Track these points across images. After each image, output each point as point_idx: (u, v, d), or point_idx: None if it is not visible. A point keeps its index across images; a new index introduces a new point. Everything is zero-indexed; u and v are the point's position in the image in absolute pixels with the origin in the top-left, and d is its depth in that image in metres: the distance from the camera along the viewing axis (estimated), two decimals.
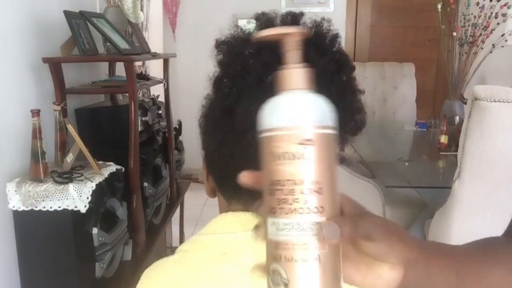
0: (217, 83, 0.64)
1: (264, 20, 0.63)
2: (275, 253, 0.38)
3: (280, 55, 0.58)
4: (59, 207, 1.27)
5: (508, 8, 2.73)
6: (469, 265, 0.45)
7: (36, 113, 1.30)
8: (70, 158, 1.38)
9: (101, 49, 1.79)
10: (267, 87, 0.57)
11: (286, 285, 0.37)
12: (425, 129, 3.01)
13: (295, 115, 0.38)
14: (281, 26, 0.39)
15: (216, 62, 0.65)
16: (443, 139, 2.49)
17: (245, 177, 0.41)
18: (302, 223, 0.37)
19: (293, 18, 0.62)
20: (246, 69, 0.60)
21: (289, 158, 0.37)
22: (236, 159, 0.61)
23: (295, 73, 0.40)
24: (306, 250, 0.37)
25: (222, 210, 0.68)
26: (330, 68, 0.60)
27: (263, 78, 0.58)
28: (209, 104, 0.66)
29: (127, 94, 1.74)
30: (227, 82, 0.62)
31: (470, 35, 2.79)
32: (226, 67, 0.63)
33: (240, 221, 0.62)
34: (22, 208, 1.28)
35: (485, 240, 0.50)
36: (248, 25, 0.65)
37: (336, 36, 0.63)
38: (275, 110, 0.39)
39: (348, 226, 0.38)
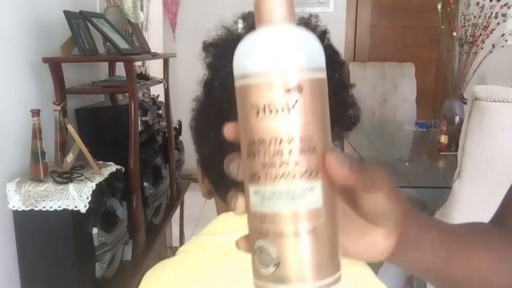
0: (208, 86, 0.63)
1: (252, 20, 0.63)
2: (262, 228, 0.32)
3: None
4: (59, 207, 1.26)
5: (508, 8, 2.73)
6: (460, 244, 0.44)
7: (36, 113, 1.30)
8: (70, 158, 1.38)
9: (101, 49, 1.79)
10: None
11: (277, 265, 0.31)
12: (425, 129, 3.00)
13: (278, 55, 0.30)
14: None
15: (205, 65, 0.64)
16: (443, 139, 2.49)
17: (229, 131, 0.35)
18: (293, 190, 0.31)
19: None
20: None
21: (274, 111, 0.30)
22: None
23: (273, 1, 0.31)
24: (300, 222, 0.31)
25: (220, 211, 0.68)
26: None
27: None
28: (200, 108, 0.65)
29: (127, 94, 1.74)
30: (219, 86, 0.61)
31: (470, 35, 2.79)
32: (217, 70, 0.62)
33: (242, 221, 0.62)
34: (22, 208, 1.28)
35: (474, 224, 0.50)
36: (235, 25, 0.64)
37: (324, 32, 0.62)
38: (252, 50, 0.31)
39: (357, 163, 0.33)
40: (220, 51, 0.63)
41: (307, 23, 0.62)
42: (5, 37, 1.40)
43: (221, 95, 0.60)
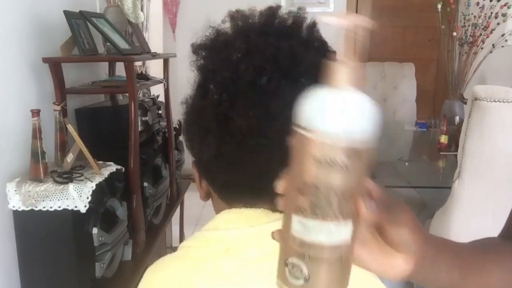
0: (202, 89, 0.62)
1: (240, 19, 0.62)
2: (299, 250, 0.38)
3: (269, 57, 0.57)
4: (59, 207, 1.26)
5: (508, 8, 2.73)
6: (471, 263, 0.47)
7: (36, 113, 1.30)
8: (70, 158, 1.38)
9: (101, 49, 1.79)
10: (262, 90, 0.57)
11: (306, 280, 0.38)
12: (425, 129, 3.01)
13: (348, 123, 0.35)
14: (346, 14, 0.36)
15: (196, 68, 0.63)
16: (443, 139, 2.49)
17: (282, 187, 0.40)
18: (332, 226, 0.37)
19: (269, 13, 0.62)
20: (237, 74, 0.57)
21: (332, 165, 0.36)
22: (237, 165, 0.59)
23: (351, 71, 0.36)
24: (332, 251, 0.38)
25: (219, 211, 0.67)
26: (319, 59, 0.59)
27: (257, 82, 0.57)
28: (195, 111, 0.64)
29: (127, 94, 1.74)
30: (214, 89, 0.60)
31: (470, 35, 2.79)
32: (212, 74, 0.60)
33: (243, 218, 0.62)
34: (22, 208, 1.28)
35: (483, 240, 0.53)
36: (223, 24, 0.63)
37: (314, 24, 0.62)
38: (325, 110, 0.36)
39: (384, 204, 0.40)
40: (212, 53, 0.62)
41: (296, 16, 0.62)
42: (5, 37, 1.40)
43: (218, 98, 0.59)
